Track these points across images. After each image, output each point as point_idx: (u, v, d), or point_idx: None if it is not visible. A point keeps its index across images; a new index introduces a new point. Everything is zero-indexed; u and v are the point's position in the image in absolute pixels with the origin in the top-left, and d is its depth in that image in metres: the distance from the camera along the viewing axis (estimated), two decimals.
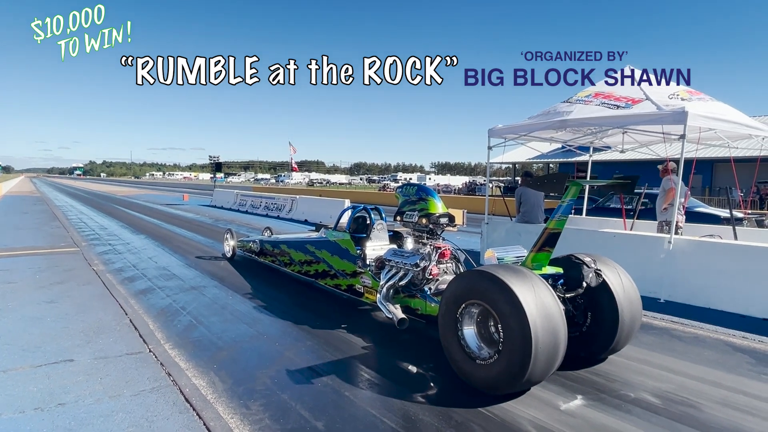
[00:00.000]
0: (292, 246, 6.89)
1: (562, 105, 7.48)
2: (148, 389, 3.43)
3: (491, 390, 3.37)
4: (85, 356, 4.02)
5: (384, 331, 4.86)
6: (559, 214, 3.74)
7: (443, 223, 4.79)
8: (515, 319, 3.13)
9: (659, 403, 3.34)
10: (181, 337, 4.54)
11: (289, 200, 19.40)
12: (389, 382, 3.67)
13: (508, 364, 3.19)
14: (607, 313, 3.84)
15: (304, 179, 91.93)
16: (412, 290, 4.66)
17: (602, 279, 3.81)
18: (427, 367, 3.95)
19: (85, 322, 4.94)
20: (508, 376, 3.21)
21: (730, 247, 5.87)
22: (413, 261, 4.59)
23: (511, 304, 3.16)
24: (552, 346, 3.16)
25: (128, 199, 30.27)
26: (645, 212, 9.90)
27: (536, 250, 3.86)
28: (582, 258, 3.86)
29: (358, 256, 5.49)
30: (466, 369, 3.50)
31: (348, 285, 5.64)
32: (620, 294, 3.85)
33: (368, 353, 4.28)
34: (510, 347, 3.17)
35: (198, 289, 6.50)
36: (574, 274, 3.85)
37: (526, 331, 3.08)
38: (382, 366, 4.02)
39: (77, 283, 6.65)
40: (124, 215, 18.19)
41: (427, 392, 3.51)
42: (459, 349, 3.56)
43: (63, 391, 3.39)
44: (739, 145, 7.76)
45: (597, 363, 4.02)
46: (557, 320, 3.22)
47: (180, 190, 49.60)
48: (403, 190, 5.28)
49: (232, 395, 3.36)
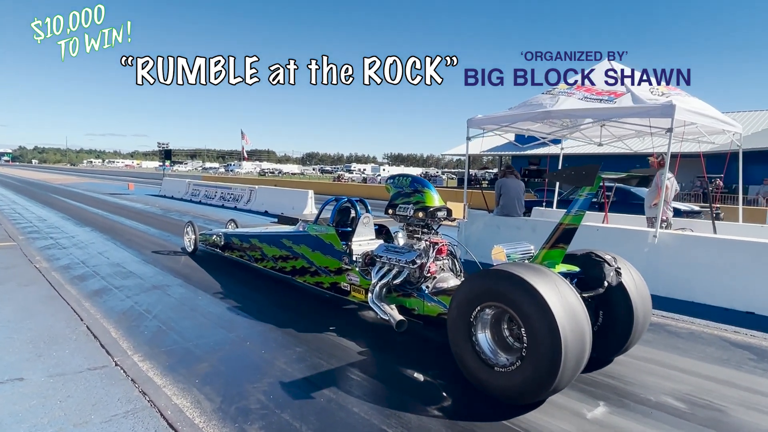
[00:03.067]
0: (265, 240, 6.36)
1: (545, 96, 7.34)
2: (120, 413, 2.91)
3: (513, 399, 3.11)
4: (37, 373, 3.43)
5: (377, 334, 4.50)
6: (576, 208, 3.49)
7: (440, 216, 4.42)
8: (542, 323, 2.89)
9: (685, 407, 3.19)
10: (151, 347, 3.98)
11: (247, 190, 18.53)
12: (397, 393, 3.33)
13: (534, 370, 2.94)
14: (622, 313, 3.68)
15: (255, 168, 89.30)
16: (408, 289, 4.33)
17: (620, 278, 3.61)
18: (434, 374, 3.64)
19: (33, 330, 4.28)
20: (535, 383, 2.96)
21: (713, 241, 5.92)
22: (410, 258, 4.26)
23: (537, 306, 2.91)
24: (580, 350, 2.94)
25: (66, 187, 28.08)
26: (614, 205, 10.05)
27: (549, 247, 3.60)
28: (603, 256, 3.67)
29: (344, 251, 5.08)
30: (482, 377, 3.23)
31: (332, 283, 5.22)
32: (634, 293, 3.71)
33: (366, 359, 3.91)
34: (536, 352, 2.93)
35: (161, 288, 5.88)
36: (595, 273, 3.63)
37: (554, 334, 2.84)
38: (385, 374, 3.67)
39: (18, 284, 5.86)
40: (63, 205, 16.73)
41: (442, 404, 3.20)
42: (473, 356, 3.28)
43: (14, 419, 2.82)
44: (714, 141, 7.92)
45: (605, 365, 3.83)
46: (583, 322, 2.99)
47: (123, 178, 46.81)
48: (395, 182, 4.86)
49: (224, 417, 2.91)
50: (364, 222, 5.34)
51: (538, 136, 9.05)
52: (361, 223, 5.32)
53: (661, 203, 6.28)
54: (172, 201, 20.40)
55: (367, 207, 5.62)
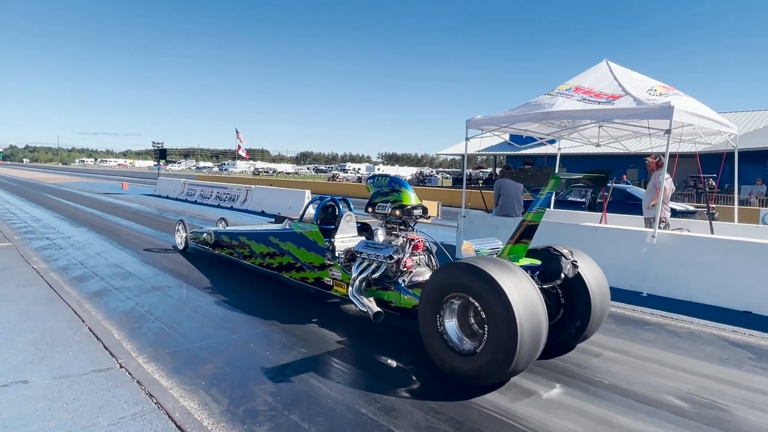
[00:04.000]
0: (253, 237, 6.52)
1: (544, 98, 7.38)
2: (128, 416, 2.91)
3: (475, 381, 3.38)
4: (41, 376, 3.41)
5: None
6: (537, 206, 3.76)
7: (416, 214, 4.70)
8: (500, 311, 3.15)
9: (688, 406, 3.23)
10: (155, 348, 3.97)
11: (243, 190, 18.47)
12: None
13: (493, 355, 3.20)
14: (581, 304, 3.95)
15: (250, 168, 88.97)
16: (386, 283, 4.56)
17: (578, 270, 3.88)
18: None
19: (35, 332, 4.26)
20: (494, 366, 3.22)
21: (711, 241, 5.98)
22: (387, 253, 4.49)
23: (496, 296, 3.17)
24: (536, 336, 3.21)
25: (60, 187, 27.86)
26: (611, 205, 10.11)
27: (513, 242, 3.87)
28: (560, 250, 3.94)
29: (326, 248, 5.31)
30: (449, 361, 3.49)
31: (315, 278, 5.44)
32: (593, 285, 3.96)
33: (375, 363, 3.92)
34: (495, 338, 3.19)
35: (162, 289, 5.85)
36: (553, 266, 3.92)
37: (512, 322, 3.10)
38: (398, 377, 3.68)
39: (16, 285, 5.82)
40: (58, 205, 16.61)
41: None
42: (441, 343, 3.54)
43: (21, 422, 2.80)
44: (710, 141, 8.00)
45: (568, 351, 4.11)
46: (539, 311, 3.27)
47: (117, 178, 46.49)
48: (374, 181, 5.09)
49: (233, 419, 2.91)
50: (346, 220, 5.54)
51: (537, 136, 9.10)
52: (343, 220, 5.51)
53: (659, 203, 6.33)
54: (167, 201, 20.29)
55: (350, 205, 5.82)
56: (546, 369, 3.77)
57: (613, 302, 5.77)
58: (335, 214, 5.75)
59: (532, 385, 3.47)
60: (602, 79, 7.34)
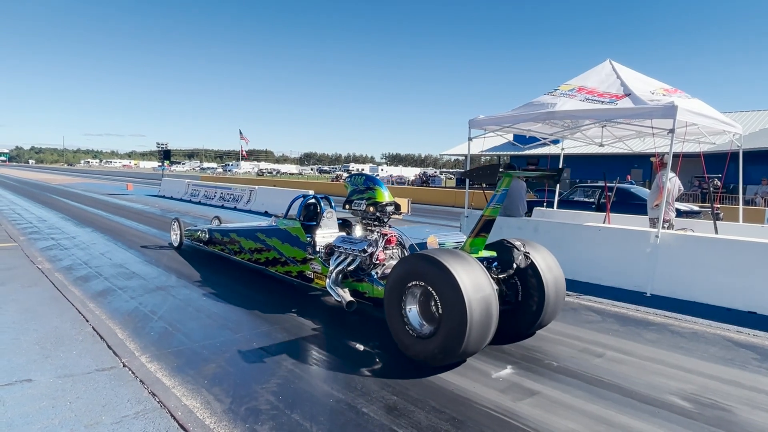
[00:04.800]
0: (242, 234, 6.83)
1: (546, 97, 7.36)
2: (131, 414, 2.92)
3: (431, 362, 3.63)
4: (45, 374, 3.43)
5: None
6: (494, 203, 4.10)
7: (389, 211, 5.04)
8: (453, 298, 3.43)
9: (691, 407, 3.22)
10: (158, 348, 3.99)
11: (246, 190, 18.51)
12: (416, 394, 3.34)
13: (445, 338, 3.47)
14: (535, 292, 4.23)
15: (253, 169, 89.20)
16: (360, 275, 4.85)
17: (530, 261, 4.21)
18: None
19: (39, 331, 4.28)
20: (446, 348, 3.49)
21: (715, 241, 5.95)
22: (361, 247, 4.82)
23: (450, 284, 3.44)
24: (485, 322, 3.49)
25: (65, 188, 28.01)
26: (615, 205, 10.07)
27: (473, 236, 4.20)
28: (513, 242, 4.29)
29: (308, 243, 5.62)
30: (408, 344, 3.78)
31: (298, 271, 5.76)
32: (547, 275, 4.24)
33: (371, 358, 3.92)
34: (448, 323, 3.46)
35: (165, 289, 5.88)
36: (506, 257, 4.25)
37: (462, 308, 3.37)
38: (402, 371, 3.68)
39: (21, 285, 5.86)
40: (63, 206, 16.70)
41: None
42: (402, 327, 3.82)
43: (25, 420, 2.82)
44: (714, 141, 7.96)
45: (528, 337, 4.43)
46: (490, 298, 3.54)
47: (121, 178, 46.71)
48: (351, 180, 5.44)
49: (235, 418, 2.92)
50: (327, 216, 5.88)
51: (539, 136, 9.07)
52: (324, 217, 5.86)
53: (663, 203, 6.31)
54: (171, 201, 20.37)
55: (331, 203, 6.14)
56: (548, 369, 3.76)
57: (617, 302, 5.78)
58: (317, 212, 6.04)
59: (534, 385, 3.47)
60: (606, 79, 7.32)
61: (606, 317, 5.25)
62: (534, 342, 4.38)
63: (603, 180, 10.13)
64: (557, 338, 4.51)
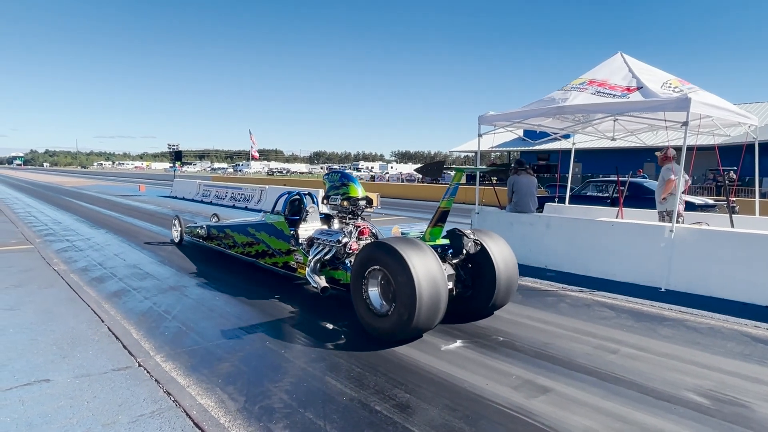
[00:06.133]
0: (235, 230, 7.34)
1: (558, 93, 7.30)
2: (147, 413, 2.95)
3: (388, 337, 4.09)
4: (63, 374, 3.48)
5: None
6: (449, 195, 4.53)
7: (362, 205, 5.56)
8: (405, 280, 3.85)
9: (709, 403, 3.17)
10: (172, 347, 4.03)
11: (257, 190, 18.60)
12: (423, 391, 3.33)
13: (398, 315, 3.92)
14: (488, 275, 4.66)
15: (264, 168, 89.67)
16: (336, 263, 5.26)
17: (480, 247, 4.63)
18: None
19: (56, 332, 4.35)
20: (399, 325, 3.94)
21: (731, 235, 5.85)
22: (336, 238, 5.26)
23: (402, 268, 3.88)
24: (434, 301, 3.91)
25: (79, 190, 28.40)
26: (627, 200, 9.95)
27: (431, 226, 4.69)
28: (463, 231, 4.67)
29: (291, 235, 6.07)
30: (369, 322, 4.25)
31: (284, 262, 6.21)
32: (498, 260, 4.67)
33: (393, 353, 3.93)
34: (401, 302, 3.89)
35: (178, 289, 5.93)
36: (458, 244, 4.63)
37: (412, 289, 3.80)
38: (412, 370, 3.68)
39: (38, 286, 5.95)
40: (77, 207, 16.93)
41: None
42: (364, 306, 4.29)
43: (43, 420, 2.87)
44: (729, 133, 7.83)
45: (488, 316, 4.92)
46: (439, 281, 3.95)
47: (134, 180, 47.29)
48: (329, 177, 5.91)
49: (249, 416, 2.94)
50: (309, 211, 6.32)
51: (550, 131, 9.01)
52: (307, 211, 6.31)
53: (678, 197, 6.22)
54: (183, 202, 20.55)
55: (314, 199, 6.62)
56: (561, 365, 3.74)
57: (631, 298, 5.72)
58: (301, 207, 6.48)
59: (547, 382, 3.44)
60: (617, 72, 7.22)
61: (620, 313, 5.19)
62: (548, 338, 4.35)
63: (615, 174, 10.03)
64: (570, 335, 4.48)
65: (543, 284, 6.45)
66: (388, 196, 25.55)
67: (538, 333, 4.52)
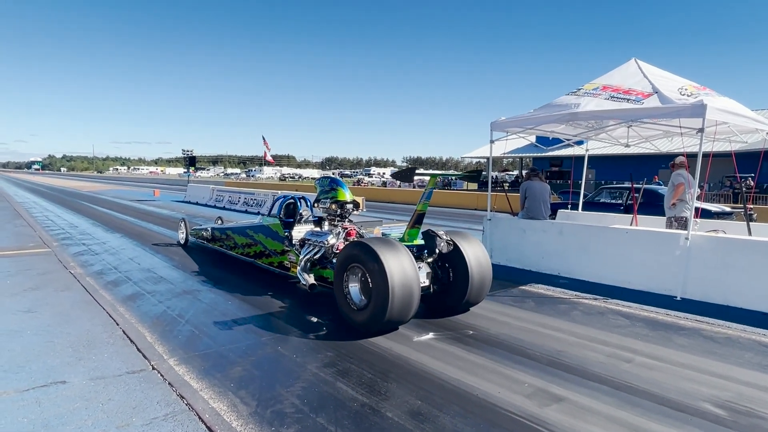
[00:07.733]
0: (236, 232, 7.72)
1: (569, 97, 7.25)
2: (161, 416, 2.98)
3: (364, 328, 4.46)
4: (78, 376, 3.53)
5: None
6: (424, 199, 4.97)
7: (349, 208, 5.92)
8: (379, 276, 4.20)
9: (725, 414, 3.12)
10: (185, 351, 4.07)
11: (270, 195, 18.73)
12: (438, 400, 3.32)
13: (373, 309, 4.29)
14: (461, 273, 4.98)
15: (276, 174, 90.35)
16: (325, 263, 5.54)
17: (453, 247, 4.94)
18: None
19: (72, 334, 4.42)
20: (374, 317, 4.30)
21: (749, 243, 5.75)
22: (324, 239, 5.60)
23: (377, 265, 4.22)
24: (407, 297, 4.26)
25: (95, 194, 28.84)
26: (642, 207, 9.84)
27: (409, 227, 5.13)
28: (436, 231, 5.01)
29: (285, 237, 6.40)
30: (348, 314, 4.64)
31: (279, 262, 6.52)
32: (472, 259, 5.00)
33: (407, 365, 3.92)
34: (376, 297, 4.26)
35: (191, 293, 5.99)
36: (432, 244, 4.99)
37: (386, 284, 4.15)
38: (424, 379, 3.67)
39: (55, 289, 6.04)
40: (93, 212, 17.19)
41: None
42: (345, 301, 4.67)
43: (60, 421, 2.91)
44: (746, 140, 7.71)
45: (464, 312, 5.24)
46: (412, 278, 4.30)
47: (148, 185, 47.90)
48: (319, 182, 6.26)
49: (261, 420, 2.95)
50: (303, 214, 6.73)
51: (563, 137, 8.94)
52: (301, 214, 6.71)
53: (693, 201, 6.14)
54: (197, 207, 20.76)
55: (308, 202, 6.93)
56: (574, 374, 3.70)
57: (646, 306, 5.65)
58: (295, 210, 6.82)
59: (560, 390, 3.41)
60: (631, 77, 7.15)
61: (635, 321, 5.13)
62: (561, 346, 4.31)
63: (630, 181, 9.92)
64: (584, 343, 4.43)
65: (556, 291, 6.40)
66: (396, 202, 25.55)
67: (551, 341, 4.48)
